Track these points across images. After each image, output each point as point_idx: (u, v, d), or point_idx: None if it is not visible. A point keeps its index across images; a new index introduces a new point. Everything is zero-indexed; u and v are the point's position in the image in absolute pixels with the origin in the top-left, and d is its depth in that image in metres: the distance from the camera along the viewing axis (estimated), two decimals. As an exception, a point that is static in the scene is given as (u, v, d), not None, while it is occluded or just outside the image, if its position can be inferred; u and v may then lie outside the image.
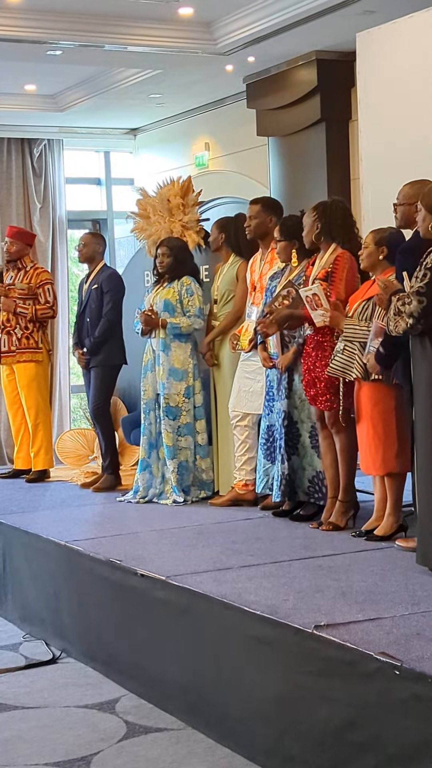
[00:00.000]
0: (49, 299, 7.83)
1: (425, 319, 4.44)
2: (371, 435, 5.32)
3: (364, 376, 5.25)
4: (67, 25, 8.01)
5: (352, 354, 5.29)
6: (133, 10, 7.89)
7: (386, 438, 5.28)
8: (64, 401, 11.60)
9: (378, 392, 5.28)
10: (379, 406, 5.28)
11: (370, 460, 5.35)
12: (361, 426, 5.39)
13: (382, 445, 5.28)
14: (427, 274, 4.45)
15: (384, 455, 5.28)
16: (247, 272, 6.55)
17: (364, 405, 5.35)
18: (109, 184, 12.06)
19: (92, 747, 4.16)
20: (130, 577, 4.88)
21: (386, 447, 5.28)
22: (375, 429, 5.30)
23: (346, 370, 5.33)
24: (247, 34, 8.08)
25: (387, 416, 5.28)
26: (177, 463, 6.73)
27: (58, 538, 5.64)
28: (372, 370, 5.15)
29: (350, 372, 5.31)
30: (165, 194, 7.64)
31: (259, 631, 4.00)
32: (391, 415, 5.28)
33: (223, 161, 10.36)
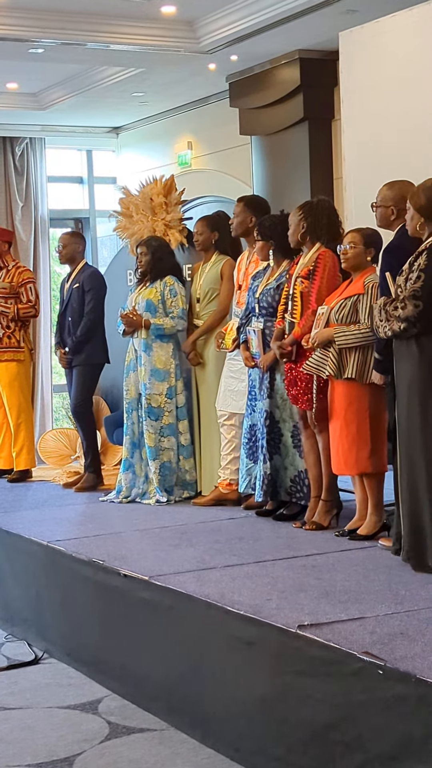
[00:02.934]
0: (31, 298, 7.80)
1: (421, 322, 4.43)
2: (344, 434, 5.31)
3: (336, 374, 5.25)
4: (49, 23, 7.98)
5: (327, 352, 5.29)
6: (116, 8, 7.87)
7: (360, 438, 5.27)
8: (47, 401, 11.58)
9: (352, 391, 5.27)
10: (353, 406, 5.27)
11: (342, 459, 5.34)
12: (334, 425, 5.38)
13: (355, 445, 5.27)
14: (421, 276, 4.43)
15: (357, 455, 5.27)
16: (234, 271, 6.54)
17: (337, 403, 5.34)
18: (91, 182, 12.04)
19: (75, 748, 4.14)
20: (113, 577, 4.86)
21: (360, 447, 5.27)
22: (348, 428, 5.28)
23: (320, 367, 5.33)
24: (230, 32, 8.08)
25: (361, 416, 5.27)
26: (159, 463, 6.71)
27: (40, 538, 5.61)
28: (377, 381, 5.14)
29: (323, 369, 5.30)
30: (148, 193, 7.62)
31: (243, 631, 3.99)
32: (365, 414, 5.27)
33: (206, 160, 10.35)
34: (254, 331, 5.99)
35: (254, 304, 6.04)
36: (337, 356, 5.24)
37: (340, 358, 5.24)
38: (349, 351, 5.22)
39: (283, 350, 5.62)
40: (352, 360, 5.22)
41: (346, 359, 5.23)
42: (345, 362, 5.23)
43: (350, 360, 5.22)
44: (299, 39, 8.21)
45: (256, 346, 6.00)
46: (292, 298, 5.67)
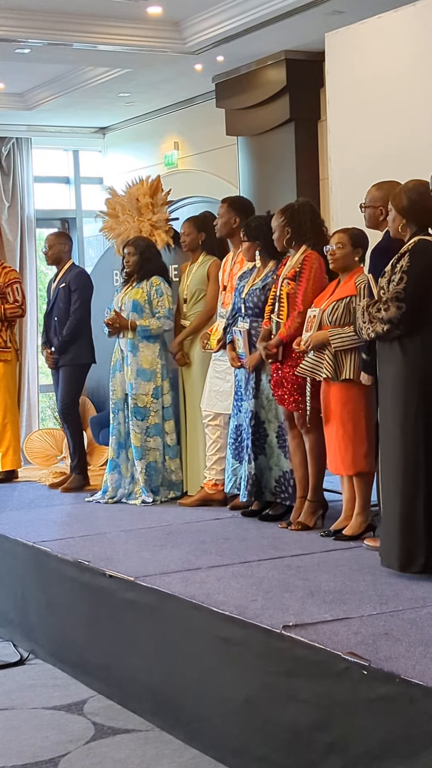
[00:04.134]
0: (18, 298, 7.78)
1: (404, 324, 4.44)
2: (341, 435, 5.33)
3: (333, 376, 5.26)
4: (35, 24, 7.98)
5: (321, 354, 5.30)
6: (102, 8, 7.87)
7: (356, 438, 5.29)
8: (33, 401, 11.56)
9: (347, 392, 5.29)
10: (348, 406, 5.29)
11: (339, 460, 5.36)
12: (330, 426, 5.39)
13: (352, 445, 5.29)
14: (404, 277, 4.43)
15: (354, 455, 5.30)
16: (219, 271, 6.55)
17: (333, 405, 5.36)
18: (78, 182, 12.04)
19: (60, 749, 4.14)
20: (99, 578, 4.86)
21: (356, 447, 5.29)
22: (345, 429, 5.30)
23: (315, 370, 5.34)
24: (216, 33, 8.09)
25: (356, 416, 5.29)
26: (145, 463, 6.71)
27: (26, 538, 5.61)
28: (365, 382, 5.15)
29: (319, 372, 5.32)
30: (134, 193, 7.62)
31: (228, 631, 3.99)
32: (360, 414, 5.29)
33: (193, 160, 10.36)
34: (240, 332, 6.00)
35: (240, 304, 6.05)
36: (333, 358, 5.25)
37: (336, 360, 5.25)
38: (345, 352, 5.24)
39: (269, 351, 5.63)
40: (348, 361, 5.24)
41: (342, 361, 5.25)
42: (341, 364, 5.25)
43: (346, 361, 5.24)
44: (285, 40, 8.23)
45: (242, 346, 6.00)
46: (278, 299, 5.68)
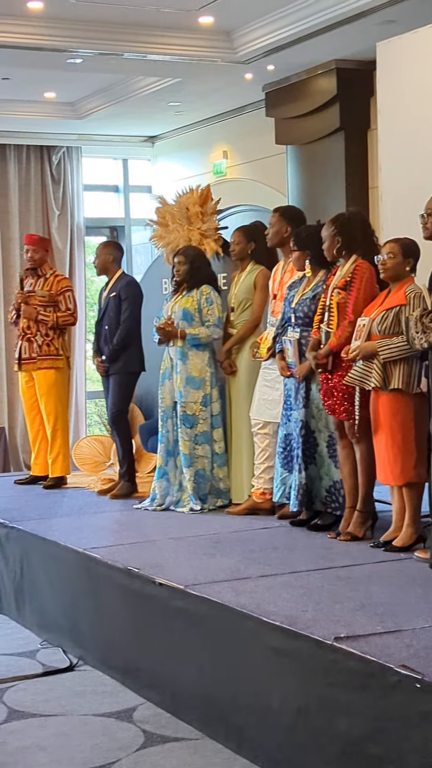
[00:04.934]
0: (70, 306, 7.83)
1: None
2: (390, 445, 5.31)
3: (382, 385, 5.25)
4: (87, 34, 8.06)
5: (370, 363, 5.29)
6: (154, 18, 7.93)
7: (405, 448, 5.27)
8: (80, 407, 11.64)
9: (397, 402, 5.27)
10: (398, 416, 5.27)
11: (389, 470, 5.34)
12: (379, 436, 5.38)
13: (401, 455, 5.27)
14: None
15: (403, 465, 5.27)
16: (270, 280, 6.56)
17: (382, 414, 5.34)
18: (126, 191, 12.12)
19: (110, 756, 4.16)
20: (148, 586, 4.87)
21: (405, 457, 5.27)
22: (394, 439, 5.29)
23: (363, 379, 5.33)
24: (268, 42, 8.11)
25: (406, 426, 5.27)
26: (194, 471, 6.73)
27: (76, 545, 5.64)
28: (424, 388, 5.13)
29: (368, 381, 5.31)
30: (184, 202, 7.65)
31: (279, 642, 3.99)
32: (410, 424, 5.27)
33: (241, 169, 10.38)
34: (290, 341, 6.00)
35: (290, 314, 6.05)
36: (381, 368, 5.24)
37: (385, 369, 5.24)
38: (394, 362, 5.22)
39: (319, 361, 5.63)
40: (397, 371, 5.22)
41: (390, 370, 5.23)
42: (390, 373, 5.24)
43: (395, 371, 5.22)
44: (336, 49, 8.24)
45: (291, 355, 6.01)
46: (328, 308, 5.67)
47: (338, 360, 5.55)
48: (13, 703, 4.78)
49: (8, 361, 11.29)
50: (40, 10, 7.61)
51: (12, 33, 7.83)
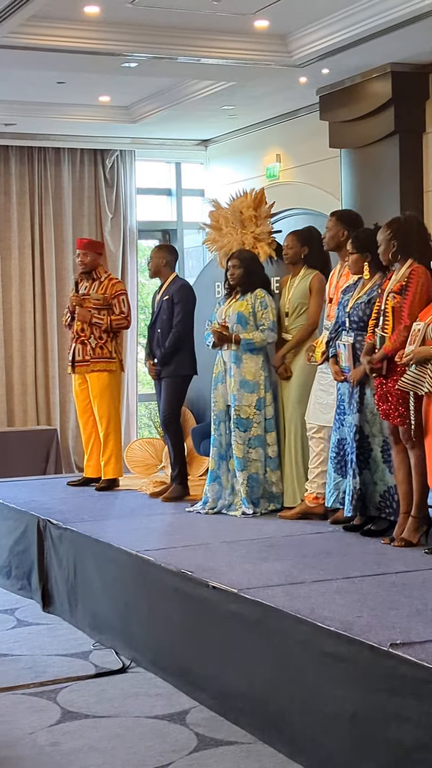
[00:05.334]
0: (123, 309, 7.87)
1: None
2: (442, 450, 5.28)
3: (436, 390, 5.22)
4: (142, 38, 8.08)
5: (424, 368, 5.26)
6: (209, 22, 7.94)
7: (457, 453, 5.24)
8: (131, 410, 11.69)
9: (450, 407, 5.24)
10: (451, 421, 5.24)
11: (442, 475, 5.31)
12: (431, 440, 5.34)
13: (455, 460, 5.24)
14: None
15: (457, 471, 5.24)
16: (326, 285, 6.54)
17: (436, 419, 5.31)
18: (179, 194, 12.15)
19: (163, 758, 4.16)
20: (202, 589, 4.88)
21: (459, 462, 5.24)
22: (447, 444, 5.25)
23: (417, 384, 5.29)
24: (323, 46, 8.09)
25: (459, 431, 5.24)
26: (247, 475, 6.73)
27: (129, 547, 5.65)
28: None
29: (421, 386, 5.27)
30: (238, 206, 7.66)
31: (333, 647, 3.98)
32: (463, 430, 5.23)
33: (295, 173, 10.37)
34: (344, 345, 5.98)
35: (344, 318, 6.03)
36: (436, 372, 5.21)
37: (439, 374, 5.21)
38: (449, 367, 5.20)
39: (374, 365, 5.60)
40: (452, 376, 5.19)
41: (445, 375, 5.21)
42: (444, 378, 5.21)
43: (450, 376, 5.20)
44: (391, 52, 8.20)
45: (345, 360, 5.99)
46: (383, 313, 5.65)
47: (393, 365, 5.52)
48: (67, 704, 4.81)
49: (60, 364, 11.37)
50: (96, 14, 7.66)
51: (68, 37, 7.88)
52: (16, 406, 11.31)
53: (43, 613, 6.44)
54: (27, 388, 11.34)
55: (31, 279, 11.34)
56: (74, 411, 11.14)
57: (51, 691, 4.99)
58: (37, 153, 11.34)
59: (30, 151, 11.30)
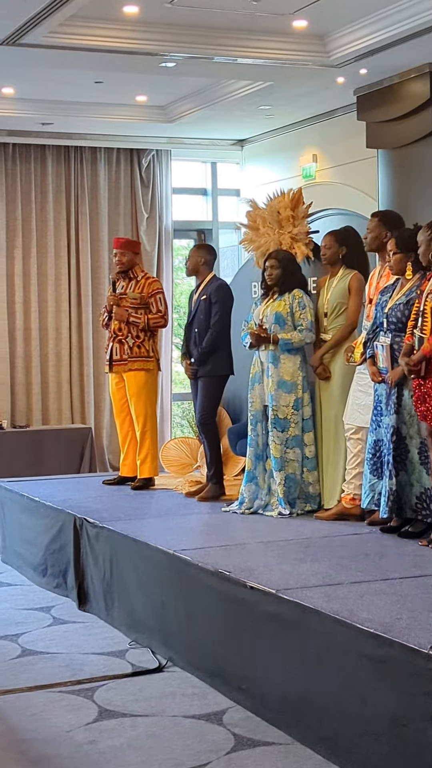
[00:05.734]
0: (161, 308, 7.89)
1: None
2: None
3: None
4: (180, 38, 8.08)
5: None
6: (247, 22, 7.93)
7: None
8: (166, 409, 11.70)
9: None
10: None
11: None
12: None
13: None
14: None
15: None
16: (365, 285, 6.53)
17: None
18: (215, 194, 12.15)
19: (201, 758, 4.16)
20: (239, 589, 4.88)
21: None
22: None
23: (454, 385, 5.28)
24: (361, 46, 8.06)
25: None
26: (284, 475, 6.72)
27: (166, 546, 5.66)
28: None
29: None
30: (275, 206, 7.65)
31: (373, 649, 3.96)
32: None
33: (331, 173, 10.34)
34: (382, 346, 5.96)
35: (382, 319, 6.01)
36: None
37: None
38: None
39: (412, 366, 5.58)
40: None
41: None
42: None
43: None
44: (430, 53, 8.16)
45: (383, 361, 5.97)
46: (422, 314, 5.62)
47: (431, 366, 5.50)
48: (104, 702, 4.82)
49: (95, 363, 11.41)
50: (135, 14, 7.67)
51: (107, 37, 7.89)
52: (51, 405, 11.37)
53: (78, 612, 6.46)
54: (62, 387, 11.39)
55: (66, 278, 11.39)
56: (108, 410, 11.20)
57: (88, 690, 5.00)
58: (74, 152, 11.38)
59: (66, 150, 11.35)
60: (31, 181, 11.23)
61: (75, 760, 4.18)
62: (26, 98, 9.91)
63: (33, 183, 11.24)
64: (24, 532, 7.58)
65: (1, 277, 11.09)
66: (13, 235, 11.18)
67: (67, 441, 10.80)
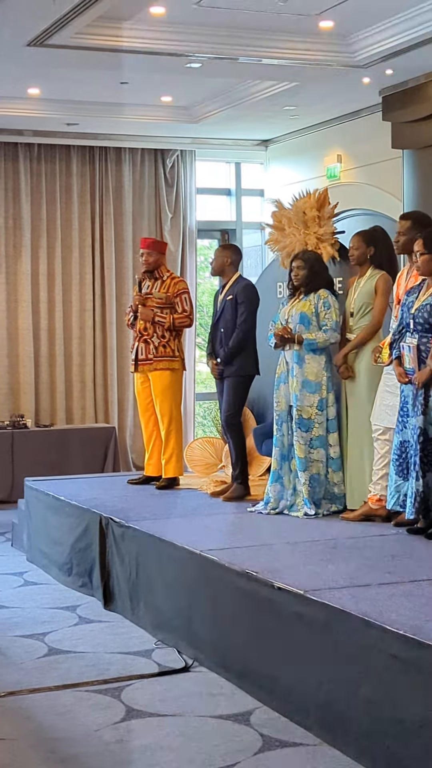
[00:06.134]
0: (186, 308, 7.90)
1: None
2: None
3: None
4: (206, 38, 8.09)
5: None
6: (273, 23, 7.93)
7: None
8: (189, 409, 11.72)
9: None
10: None
11: None
12: None
13: None
14: None
15: None
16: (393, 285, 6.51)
17: None
18: (239, 194, 12.16)
19: (228, 758, 4.17)
20: (266, 590, 4.88)
21: None
22: None
23: None
24: (387, 47, 8.05)
25: None
26: (309, 475, 6.72)
27: (192, 546, 5.67)
28: None
29: None
30: (301, 206, 7.65)
31: (401, 650, 3.96)
32: None
33: (356, 173, 10.33)
34: (408, 347, 5.95)
35: (409, 319, 5.99)
36: None
37: None
38: None
39: None
40: None
41: None
42: None
43: None
44: (457, 53, 8.14)
45: (410, 361, 5.95)
46: (450, 315, 5.62)
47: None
48: (131, 702, 4.83)
49: (119, 363, 11.43)
50: (161, 15, 7.68)
51: (134, 38, 7.91)
52: (75, 404, 11.40)
53: (104, 611, 6.48)
54: (86, 387, 11.43)
55: (91, 278, 11.42)
56: (132, 409, 11.23)
57: (115, 689, 5.02)
58: (99, 153, 11.41)
59: (91, 150, 11.38)
60: (56, 182, 11.27)
61: (103, 760, 4.20)
62: (52, 99, 9.95)
63: (58, 183, 11.27)
64: (49, 531, 7.61)
65: (26, 276, 11.13)
66: (38, 235, 11.22)
67: (90, 440, 10.83)
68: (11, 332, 11.14)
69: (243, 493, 7.38)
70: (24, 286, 11.14)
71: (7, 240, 11.10)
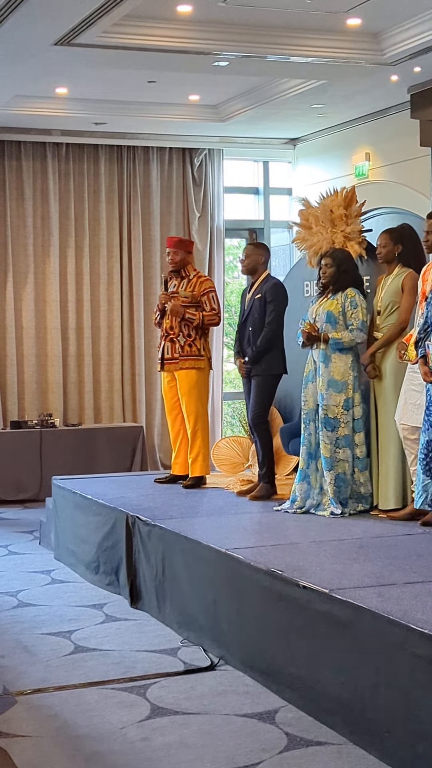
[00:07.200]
0: (214, 306, 7.89)
1: None
2: None
3: None
4: (233, 36, 8.09)
5: None
6: (301, 21, 7.91)
7: None
8: (216, 408, 11.72)
9: None
10: None
11: None
12: None
13: None
14: None
15: None
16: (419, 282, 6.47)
17: None
18: (266, 193, 12.15)
19: (253, 757, 4.16)
20: (292, 588, 4.87)
21: None
22: None
23: None
24: (416, 44, 8.02)
25: None
26: (334, 474, 6.70)
27: (218, 545, 5.66)
28: None
29: None
30: (328, 205, 7.62)
31: (427, 650, 3.94)
32: None
33: (384, 171, 10.30)
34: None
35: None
36: None
37: None
38: None
39: None
40: None
41: None
42: None
43: None
44: None
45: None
46: None
47: None
48: (156, 700, 4.83)
49: (146, 362, 11.45)
50: (189, 13, 7.68)
51: (161, 37, 7.92)
52: (102, 403, 11.43)
53: (131, 609, 6.49)
54: (114, 385, 11.46)
55: (119, 277, 11.45)
56: (159, 408, 11.24)
57: (140, 687, 5.02)
58: (126, 152, 11.44)
59: (119, 149, 11.41)
60: (84, 181, 11.30)
61: (128, 757, 4.20)
62: (79, 98, 9.98)
63: (86, 182, 11.31)
64: (76, 529, 7.63)
65: (54, 276, 11.17)
66: (66, 235, 11.26)
67: (118, 439, 10.86)
68: (39, 332, 11.19)
69: (269, 493, 7.36)
70: (52, 286, 11.18)
71: (35, 240, 11.15)
